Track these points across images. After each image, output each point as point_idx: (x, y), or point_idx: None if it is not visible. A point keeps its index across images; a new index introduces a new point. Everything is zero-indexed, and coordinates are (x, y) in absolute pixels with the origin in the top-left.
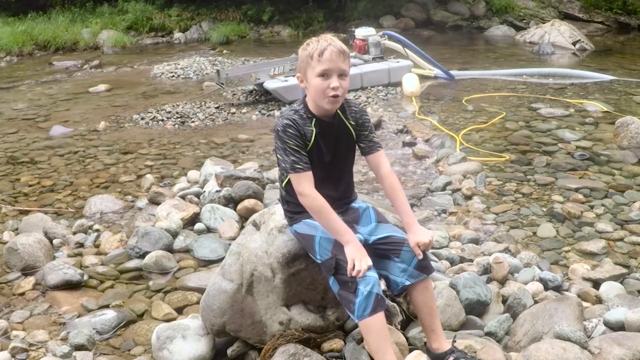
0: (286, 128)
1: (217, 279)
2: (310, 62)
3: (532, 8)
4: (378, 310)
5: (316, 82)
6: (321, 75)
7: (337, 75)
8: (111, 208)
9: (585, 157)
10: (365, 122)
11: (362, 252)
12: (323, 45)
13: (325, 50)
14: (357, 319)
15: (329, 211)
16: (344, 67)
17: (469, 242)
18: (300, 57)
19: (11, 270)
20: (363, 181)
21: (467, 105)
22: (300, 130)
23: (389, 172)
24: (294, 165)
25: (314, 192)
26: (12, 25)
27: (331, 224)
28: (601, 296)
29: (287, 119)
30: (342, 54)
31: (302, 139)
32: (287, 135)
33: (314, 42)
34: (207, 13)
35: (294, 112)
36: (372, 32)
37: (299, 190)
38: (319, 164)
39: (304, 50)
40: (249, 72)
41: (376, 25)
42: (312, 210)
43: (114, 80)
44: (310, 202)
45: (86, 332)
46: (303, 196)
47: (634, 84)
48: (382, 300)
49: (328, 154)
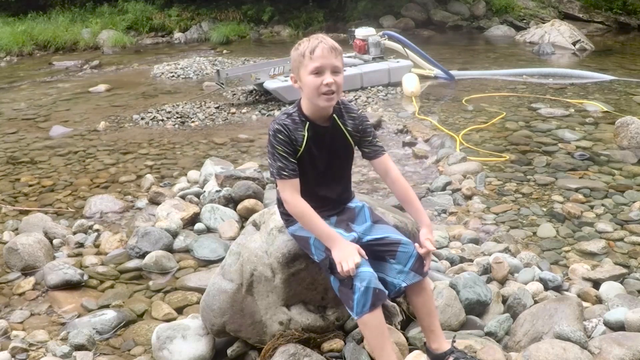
0: (276, 133)
1: (217, 279)
2: (303, 61)
3: (532, 8)
4: (377, 305)
5: (309, 79)
6: (314, 72)
7: (330, 72)
8: (111, 208)
9: (585, 157)
10: (366, 128)
11: (349, 251)
12: (314, 43)
13: (316, 48)
14: (357, 315)
15: (311, 216)
16: (337, 63)
17: (469, 242)
18: (293, 57)
19: (11, 270)
20: (363, 181)
21: (467, 105)
22: (290, 136)
23: (398, 176)
24: (280, 172)
25: (295, 198)
26: (12, 25)
27: (315, 228)
28: (601, 296)
29: (278, 124)
30: (333, 51)
31: (292, 145)
32: (277, 141)
33: (304, 41)
34: (207, 13)
35: (287, 116)
36: (372, 32)
37: (282, 197)
38: (313, 168)
39: (296, 51)
40: (249, 72)
41: (376, 25)
42: (295, 216)
43: (114, 80)
44: (292, 208)
45: (86, 332)
46: (287, 203)
47: (634, 84)
48: (382, 293)
49: (321, 159)
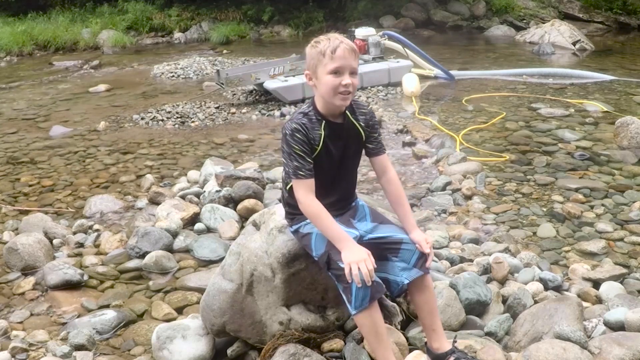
0: (294, 132)
1: (217, 279)
2: (322, 60)
3: (532, 8)
4: (376, 297)
5: (328, 79)
6: (333, 72)
7: (349, 73)
8: (111, 208)
9: (585, 157)
10: (375, 124)
11: (359, 254)
12: (335, 43)
13: (337, 48)
14: (355, 309)
15: (325, 216)
16: (355, 65)
17: (469, 242)
18: (310, 54)
19: (11, 270)
20: (363, 181)
21: (467, 105)
22: (308, 135)
23: (395, 176)
24: (297, 172)
25: (309, 198)
26: (12, 25)
27: (328, 230)
28: (601, 296)
29: (296, 123)
30: (353, 52)
31: (310, 144)
32: (294, 140)
33: (324, 40)
34: (207, 13)
35: (303, 115)
36: (372, 32)
37: (298, 197)
38: (328, 166)
39: (314, 48)
40: (249, 72)
41: (376, 25)
42: (308, 216)
43: (114, 80)
44: (306, 208)
45: (86, 332)
46: (301, 203)
47: (634, 84)
48: (380, 285)
49: (337, 156)
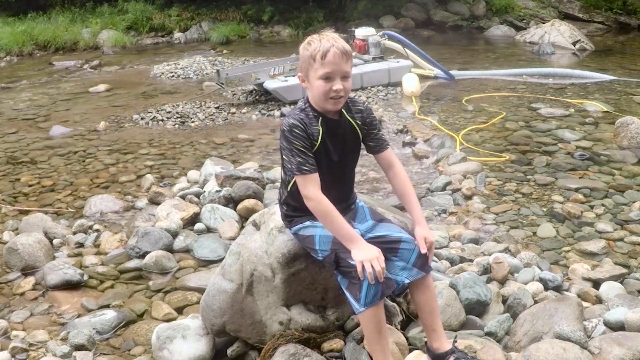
0: (292, 128)
1: (217, 279)
2: (313, 64)
3: (532, 8)
4: (387, 293)
5: (318, 84)
6: (324, 78)
7: (340, 78)
8: (111, 208)
9: (585, 157)
10: (373, 120)
11: (370, 252)
12: (326, 46)
13: (327, 53)
14: (364, 306)
15: (335, 215)
16: (347, 68)
17: (469, 242)
18: (302, 56)
19: (11, 270)
20: (363, 181)
21: (467, 105)
22: (307, 130)
23: (401, 170)
24: (300, 167)
25: (319, 195)
26: (12, 25)
27: (337, 227)
28: (601, 296)
29: (294, 119)
30: (345, 55)
31: (309, 139)
32: (294, 136)
33: (316, 41)
34: (207, 13)
35: (300, 110)
36: (372, 32)
37: (305, 193)
38: (327, 164)
39: (306, 50)
40: (249, 72)
41: (376, 25)
42: (317, 214)
43: (114, 80)
44: (316, 205)
45: (86, 332)
46: (308, 199)
47: (634, 84)
48: (390, 282)
49: (336, 154)
